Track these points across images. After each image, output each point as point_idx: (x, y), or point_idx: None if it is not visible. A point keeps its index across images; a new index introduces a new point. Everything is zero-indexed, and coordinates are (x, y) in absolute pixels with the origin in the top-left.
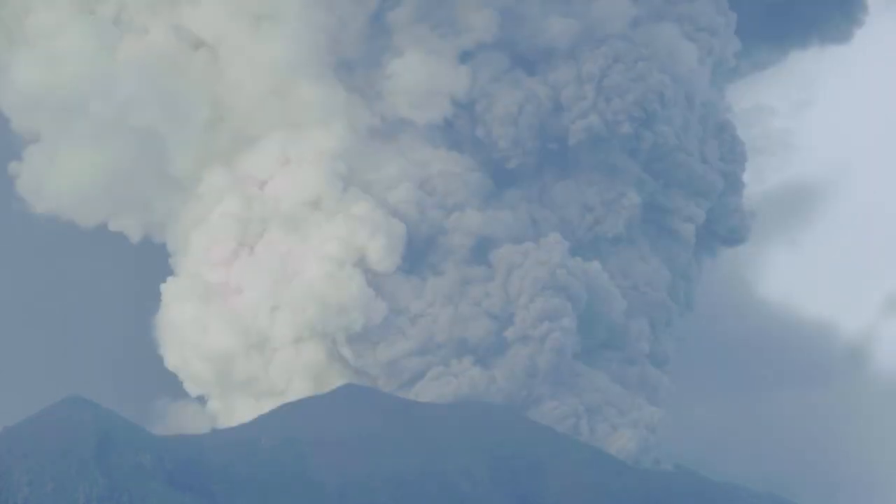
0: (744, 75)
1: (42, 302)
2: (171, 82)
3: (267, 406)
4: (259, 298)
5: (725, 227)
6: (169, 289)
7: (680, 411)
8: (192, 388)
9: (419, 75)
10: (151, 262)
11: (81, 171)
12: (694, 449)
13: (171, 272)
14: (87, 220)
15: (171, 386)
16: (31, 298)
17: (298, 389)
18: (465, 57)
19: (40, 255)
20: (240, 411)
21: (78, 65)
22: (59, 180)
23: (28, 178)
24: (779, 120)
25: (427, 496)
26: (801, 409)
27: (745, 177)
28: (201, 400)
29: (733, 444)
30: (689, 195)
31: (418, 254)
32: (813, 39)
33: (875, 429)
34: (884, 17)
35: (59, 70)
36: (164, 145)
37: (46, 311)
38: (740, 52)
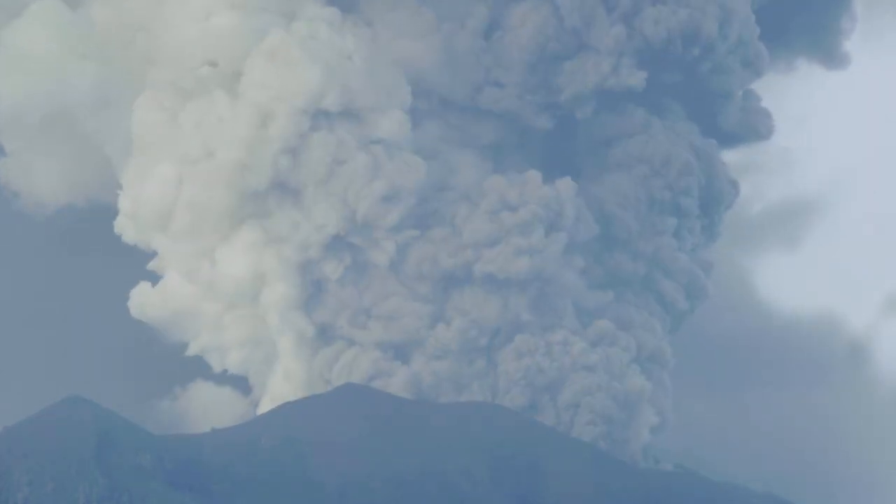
0: None
1: (42, 302)
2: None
3: (267, 406)
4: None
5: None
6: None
7: (680, 410)
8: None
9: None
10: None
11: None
12: (694, 449)
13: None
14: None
15: (171, 386)
16: (31, 299)
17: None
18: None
19: (40, 255)
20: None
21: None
22: (44, 177)
23: (14, 177)
24: (778, 137)
25: (427, 496)
26: (801, 409)
27: (746, 189)
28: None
29: (733, 444)
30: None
31: None
32: (808, 57)
33: (875, 429)
34: (880, 34)
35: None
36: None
37: (46, 311)
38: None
